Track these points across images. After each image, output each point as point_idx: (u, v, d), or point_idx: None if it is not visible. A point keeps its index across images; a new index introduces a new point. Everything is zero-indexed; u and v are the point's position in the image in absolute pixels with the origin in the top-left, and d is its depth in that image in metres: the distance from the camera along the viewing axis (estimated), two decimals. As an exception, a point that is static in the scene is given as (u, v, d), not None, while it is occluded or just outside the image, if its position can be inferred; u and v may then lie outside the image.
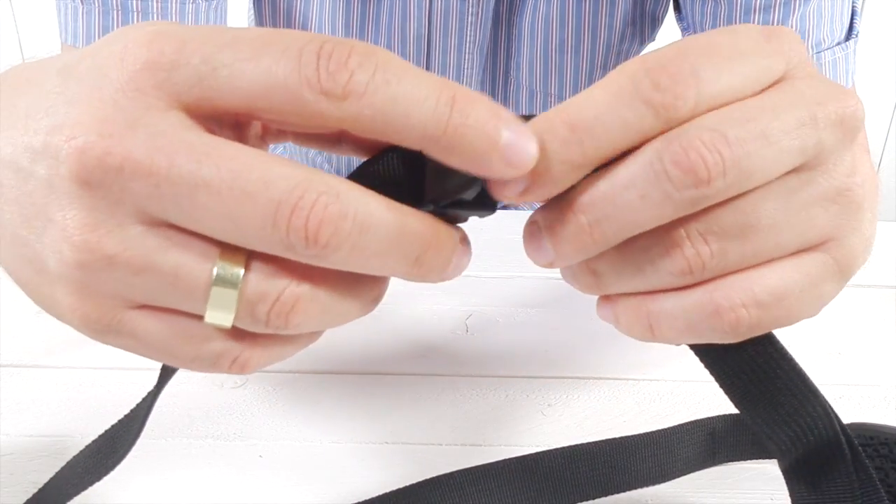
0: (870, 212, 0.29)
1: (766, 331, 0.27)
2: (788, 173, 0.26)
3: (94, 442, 0.36)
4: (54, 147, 0.24)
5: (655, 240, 0.26)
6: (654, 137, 0.25)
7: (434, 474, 0.42)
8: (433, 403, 0.49)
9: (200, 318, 0.25)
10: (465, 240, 0.27)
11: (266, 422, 0.47)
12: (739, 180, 0.25)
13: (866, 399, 0.50)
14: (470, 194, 0.26)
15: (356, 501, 0.42)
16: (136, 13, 0.59)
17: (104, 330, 0.26)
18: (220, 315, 0.25)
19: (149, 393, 0.33)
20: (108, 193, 0.24)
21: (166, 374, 0.32)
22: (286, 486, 0.43)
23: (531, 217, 0.27)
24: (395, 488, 0.42)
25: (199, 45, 0.23)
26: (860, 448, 0.31)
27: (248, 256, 0.25)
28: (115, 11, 0.58)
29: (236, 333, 0.26)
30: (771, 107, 0.25)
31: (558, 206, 0.26)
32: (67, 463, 0.37)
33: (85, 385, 0.49)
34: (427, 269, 0.26)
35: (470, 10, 0.71)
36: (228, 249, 0.24)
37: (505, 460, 0.42)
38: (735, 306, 0.26)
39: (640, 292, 0.28)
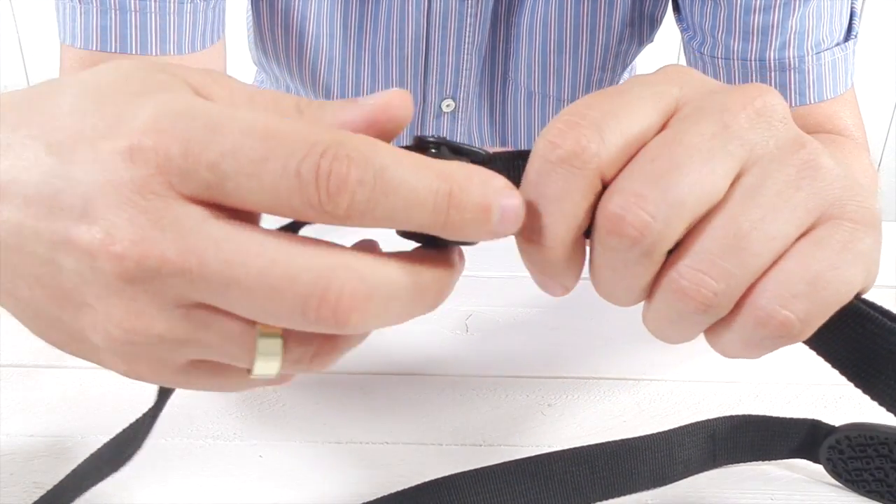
0: (871, 195, 0.29)
1: (826, 317, 0.27)
2: (740, 178, 0.26)
3: (99, 450, 0.36)
4: (85, 244, 0.24)
5: (662, 295, 0.27)
6: (600, 192, 0.27)
7: (434, 474, 0.42)
8: (433, 403, 0.49)
9: (248, 371, 0.27)
10: (461, 256, 0.29)
11: (266, 422, 0.47)
12: (674, 213, 0.25)
13: (866, 399, 0.50)
14: None
15: (356, 502, 0.42)
16: (133, 13, 0.59)
17: (155, 383, 0.28)
18: (267, 367, 0.26)
19: (150, 409, 0.34)
20: (148, 288, 0.24)
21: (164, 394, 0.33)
22: (286, 486, 0.43)
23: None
24: (395, 489, 0.41)
25: (203, 149, 0.23)
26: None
27: None
28: (112, 11, 0.58)
29: None
30: (672, 138, 0.26)
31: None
32: (73, 470, 0.37)
33: (85, 385, 0.49)
34: (435, 305, 0.27)
35: (469, 10, 0.71)
36: None
37: (504, 463, 0.42)
38: (774, 311, 0.26)
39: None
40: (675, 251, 0.27)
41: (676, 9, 0.72)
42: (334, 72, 0.76)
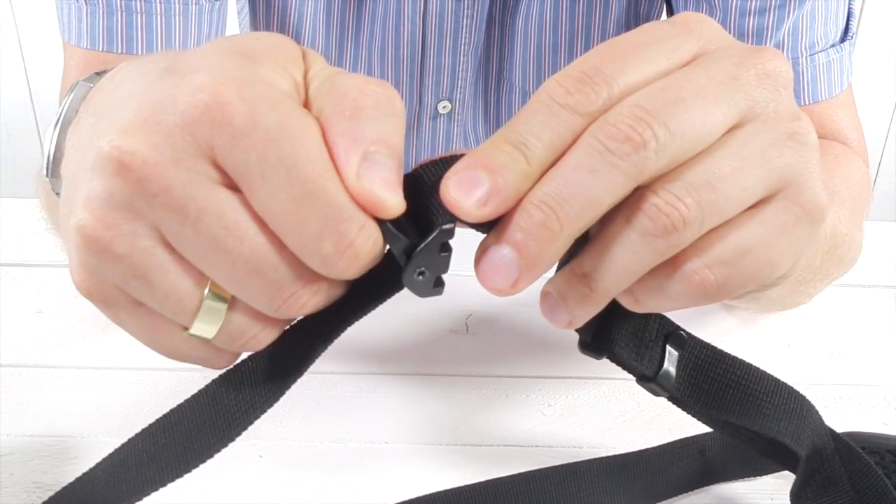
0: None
1: (741, 288, 0.28)
2: (734, 129, 0.28)
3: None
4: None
5: (635, 212, 0.27)
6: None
7: (434, 474, 0.42)
8: (433, 403, 0.49)
9: (185, 328, 0.29)
10: None
11: (266, 422, 0.47)
12: (673, 139, 0.26)
13: (866, 399, 0.50)
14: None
15: (356, 502, 0.42)
16: (139, 14, 0.59)
17: (102, 306, 0.29)
18: (204, 329, 0.29)
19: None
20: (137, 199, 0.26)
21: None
22: (286, 486, 0.43)
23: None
24: (394, 489, 0.42)
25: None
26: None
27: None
28: (119, 13, 0.58)
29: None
30: (683, 75, 0.28)
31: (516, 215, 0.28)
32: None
33: (85, 385, 0.49)
34: None
35: (465, 11, 0.71)
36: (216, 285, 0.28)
37: (492, 481, 0.41)
38: (699, 269, 0.28)
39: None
40: (655, 181, 0.27)
41: (671, 11, 0.72)
42: (331, 72, 0.75)
